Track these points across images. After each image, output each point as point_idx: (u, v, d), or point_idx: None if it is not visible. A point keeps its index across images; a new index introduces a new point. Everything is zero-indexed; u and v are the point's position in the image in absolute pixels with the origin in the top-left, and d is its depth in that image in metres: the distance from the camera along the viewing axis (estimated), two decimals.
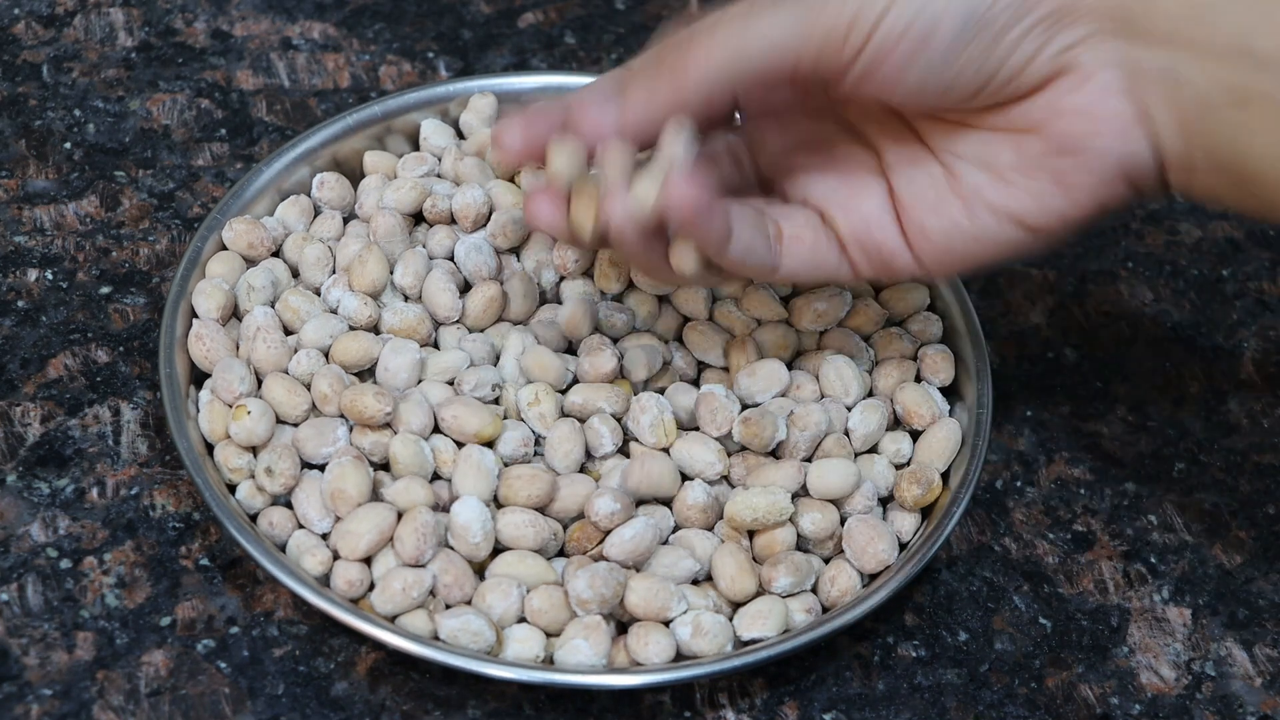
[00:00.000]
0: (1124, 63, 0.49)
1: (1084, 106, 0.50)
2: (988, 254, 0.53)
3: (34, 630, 0.55)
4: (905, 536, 0.57)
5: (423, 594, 0.54)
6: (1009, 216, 0.52)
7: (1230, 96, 0.48)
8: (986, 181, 0.52)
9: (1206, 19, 0.49)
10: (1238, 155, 0.49)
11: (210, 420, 0.57)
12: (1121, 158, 0.50)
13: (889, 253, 0.54)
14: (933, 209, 0.53)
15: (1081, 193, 0.51)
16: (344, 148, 0.65)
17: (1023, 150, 0.51)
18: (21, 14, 0.72)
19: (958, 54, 0.50)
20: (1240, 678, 0.57)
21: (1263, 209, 0.50)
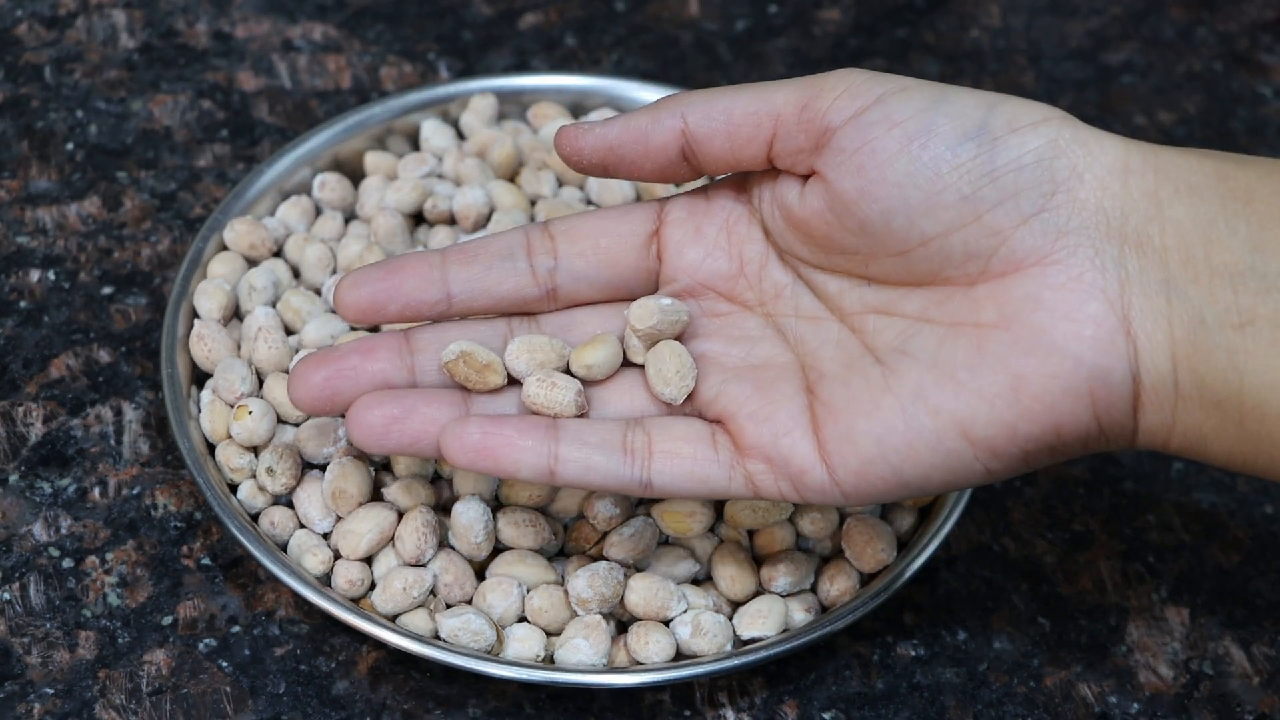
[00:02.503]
0: (1115, 269, 0.46)
1: (1065, 304, 0.46)
2: (917, 468, 0.47)
3: (36, 629, 0.55)
4: (904, 536, 0.57)
5: (423, 593, 0.54)
6: (952, 421, 0.47)
7: (1232, 318, 0.45)
8: (933, 381, 0.47)
9: (1214, 234, 0.45)
10: (1236, 383, 0.45)
11: (212, 420, 0.57)
12: (1093, 371, 0.46)
13: (799, 468, 0.49)
14: (864, 411, 0.48)
15: (1039, 404, 0.46)
16: (345, 148, 0.65)
17: (983, 347, 0.47)
18: (24, 15, 0.72)
19: (953, 166, 0.46)
20: (1238, 677, 0.57)
21: (1255, 452, 0.46)
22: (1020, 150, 0.47)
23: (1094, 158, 0.47)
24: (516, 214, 0.62)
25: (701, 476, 0.50)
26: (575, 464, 0.49)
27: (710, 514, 0.55)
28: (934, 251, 0.48)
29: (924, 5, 0.77)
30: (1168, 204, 0.46)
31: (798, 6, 0.76)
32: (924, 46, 0.75)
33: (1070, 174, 0.47)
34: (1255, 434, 0.46)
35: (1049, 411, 0.47)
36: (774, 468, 0.49)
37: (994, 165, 0.47)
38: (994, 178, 0.47)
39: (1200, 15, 0.77)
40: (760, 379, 0.51)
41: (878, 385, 0.48)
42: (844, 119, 0.48)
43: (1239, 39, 0.76)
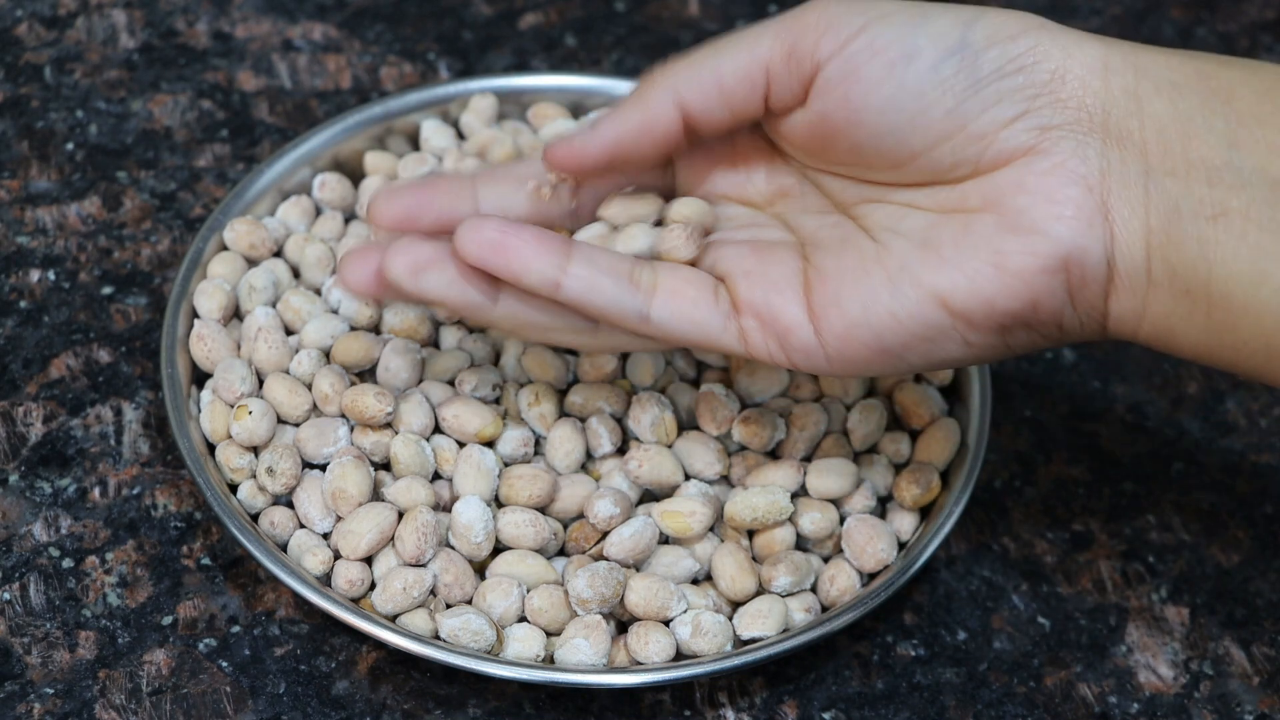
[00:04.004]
0: (1097, 159, 0.48)
1: (1047, 188, 0.48)
2: (898, 336, 0.49)
3: (36, 629, 0.55)
4: (904, 536, 0.57)
5: (423, 593, 0.54)
6: (934, 294, 0.49)
7: (1205, 209, 0.47)
8: (919, 256, 0.49)
9: (1192, 129, 0.47)
10: (1205, 272, 0.47)
11: (212, 420, 0.57)
12: (1071, 250, 0.48)
13: (786, 324, 0.50)
14: (853, 278, 0.50)
15: (1017, 279, 0.48)
16: (345, 148, 0.65)
17: (969, 227, 0.49)
18: (24, 15, 0.72)
19: (936, 83, 0.48)
20: (1238, 676, 0.57)
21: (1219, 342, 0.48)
22: (1001, 60, 0.48)
23: (1074, 59, 0.48)
24: None
25: (698, 319, 0.51)
26: (581, 281, 0.50)
27: (710, 514, 0.55)
28: (925, 162, 0.49)
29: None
30: (1148, 100, 0.48)
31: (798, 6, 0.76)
32: None
33: (1051, 76, 0.48)
34: (1221, 324, 0.47)
35: (1027, 287, 0.48)
36: (764, 325, 0.51)
37: (977, 77, 0.48)
38: (977, 89, 0.48)
39: (1200, 15, 0.77)
40: (759, 244, 0.52)
41: (869, 257, 0.50)
42: (830, 53, 0.49)
43: (1239, 39, 0.76)
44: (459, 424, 0.57)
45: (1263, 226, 0.46)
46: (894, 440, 0.59)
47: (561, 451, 0.57)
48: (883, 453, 0.59)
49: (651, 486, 0.56)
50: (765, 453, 0.58)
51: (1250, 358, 0.48)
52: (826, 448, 0.58)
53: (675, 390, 0.59)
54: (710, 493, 0.56)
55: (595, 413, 0.57)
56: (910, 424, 0.59)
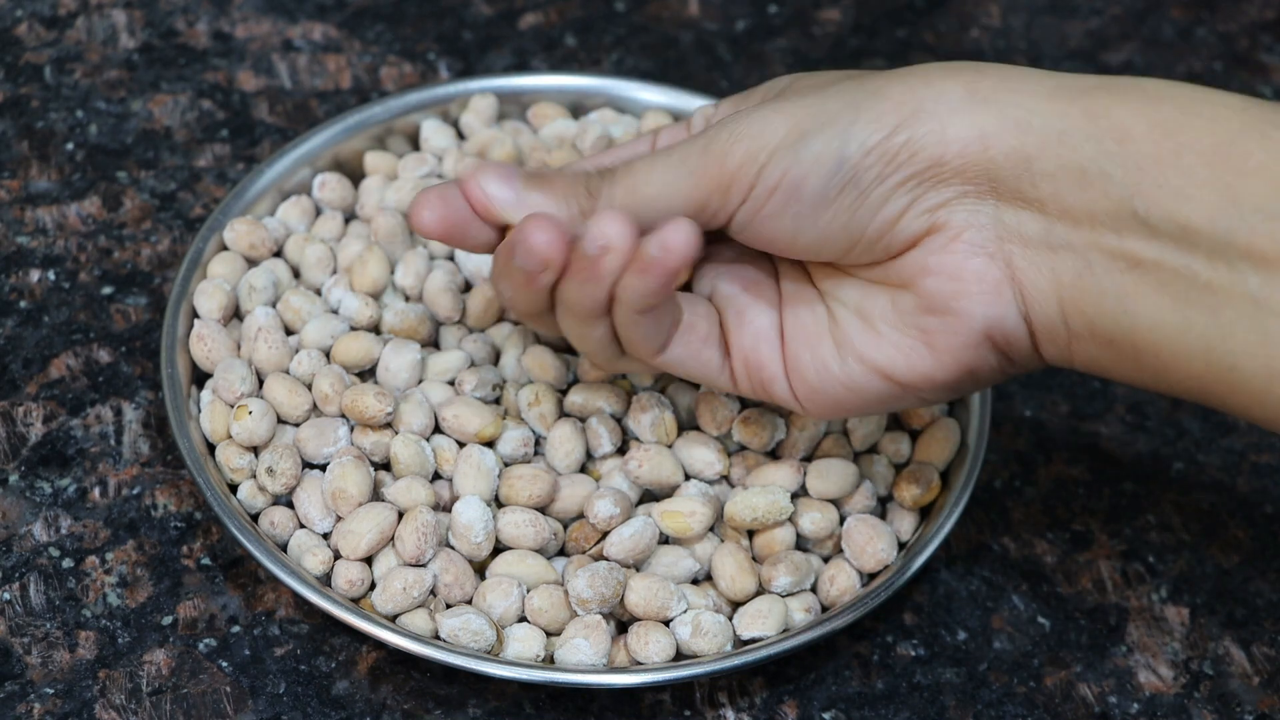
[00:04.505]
0: (993, 225, 0.48)
1: (949, 267, 0.48)
2: (856, 403, 0.52)
3: (36, 629, 0.55)
4: (904, 536, 0.57)
5: (423, 593, 0.54)
6: (875, 368, 0.51)
7: (1119, 262, 0.46)
8: (859, 329, 0.51)
9: (1089, 182, 0.46)
10: (1128, 325, 0.47)
11: (212, 420, 0.57)
12: (987, 322, 0.49)
13: (768, 377, 0.52)
14: (809, 346, 0.52)
15: (947, 355, 0.49)
16: (345, 148, 0.65)
17: (897, 305, 0.50)
18: (24, 15, 0.72)
19: (825, 206, 0.49)
20: (1238, 676, 0.57)
21: (1151, 380, 0.48)
22: (879, 165, 0.48)
23: (949, 139, 0.48)
24: None
25: (704, 360, 0.53)
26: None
27: (710, 514, 0.55)
28: (847, 261, 0.51)
29: (924, 5, 0.77)
30: (1035, 159, 0.47)
31: (798, 6, 0.76)
32: (924, 46, 0.75)
33: (930, 164, 0.48)
34: (1153, 368, 0.47)
35: (957, 360, 0.50)
36: (750, 373, 0.53)
37: (859, 189, 0.49)
38: (864, 198, 0.49)
39: (1200, 15, 0.77)
40: (745, 279, 0.53)
41: (822, 324, 0.52)
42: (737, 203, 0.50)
43: (1239, 39, 0.76)
44: (459, 424, 0.57)
45: (1179, 275, 0.45)
46: (894, 440, 0.59)
47: (561, 451, 0.57)
48: (883, 453, 0.59)
49: (651, 486, 0.56)
50: (765, 453, 0.58)
51: (1187, 394, 0.48)
52: (826, 448, 0.58)
53: (675, 390, 0.59)
54: (710, 493, 0.56)
55: (595, 413, 0.57)
56: (910, 424, 0.59)
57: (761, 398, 0.53)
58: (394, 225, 0.61)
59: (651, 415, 0.57)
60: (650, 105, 0.67)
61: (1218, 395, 0.47)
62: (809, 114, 0.49)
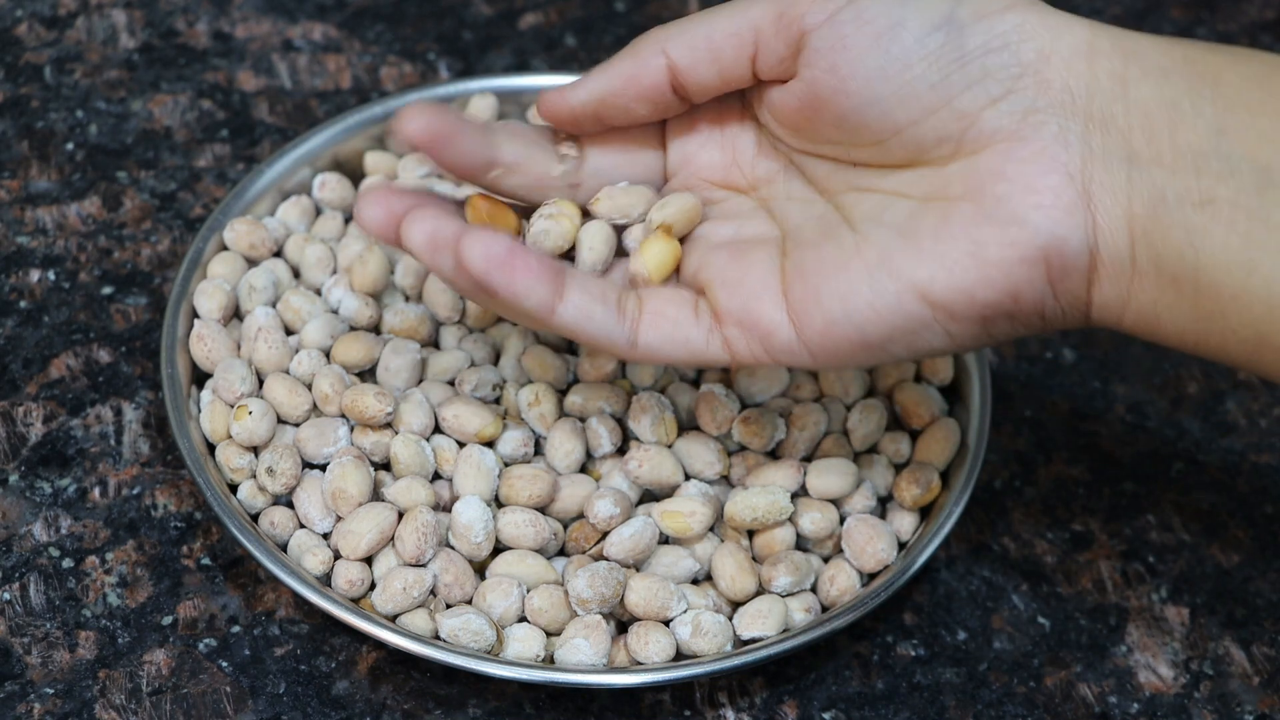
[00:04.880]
0: (1079, 145, 0.47)
1: (1026, 176, 0.47)
2: (879, 329, 0.49)
3: (36, 629, 0.55)
4: (904, 536, 0.57)
5: (423, 593, 0.54)
6: (912, 286, 0.48)
7: (1192, 196, 0.46)
8: (899, 247, 0.49)
9: (1179, 115, 0.47)
10: (1192, 260, 0.46)
11: (212, 420, 0.57)
12: (1050, 240, 0.47)
13: (767, 328, 0.50)
14: (832, 271, 0.49)
15: (996, 269, 0.48)
16: (345, 148, 0.65)
17: (949, 217, 0.48)
18: (24, 15, 0.72)
19: (922, 55, 0.48)
20: (1238, 676, 0.57)
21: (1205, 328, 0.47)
22: (987, 36, 0.48)
23: (1060, 40, 0.48)
24: None
25: (683, 339, 0.51)
26: (576, 310, 0.50)
27: (710, 514, 0.55)
28: (909, 138, 0.49)
29: None
30: (1134, 84, 0.47)
31: None
32: None
33: (1036, 56, 0.48)
34: (1209, 312, 0.47)
35: (1006, 278, 0.48)
36: (745, 331, 0.51)
37: (962, 52, 0.48)
38: (962, 64, 0.48)
39: (1200, 15, 0.77)
40: (736, 248, 0.52)
41: (849, 250, 0.50)
42: (818, 22, 0.49)
43: (1239, 39, 0.76)
44: (459, 424, 0.57)
45: (1252, 214, 0.46)
46: (894, 440, 0.59)
47: (561, 451, 0.57)
48: (883, 453, 0.59)
49: (651, 486, 0.56)
50: (765, 453, 0.58)
51: (1239, 346, 0.47)
52: (826, 448, 0.58)
53: (675, 390, 0.59)
54: (710, 493, 0.56)
55: (595, 413, 0.57)
56: (910, 424, 0.59)
57: (760, 359, 0.51)
58: None
59: (651, 415, 0.57)
60: None
61: (1272, 347, 0.46)
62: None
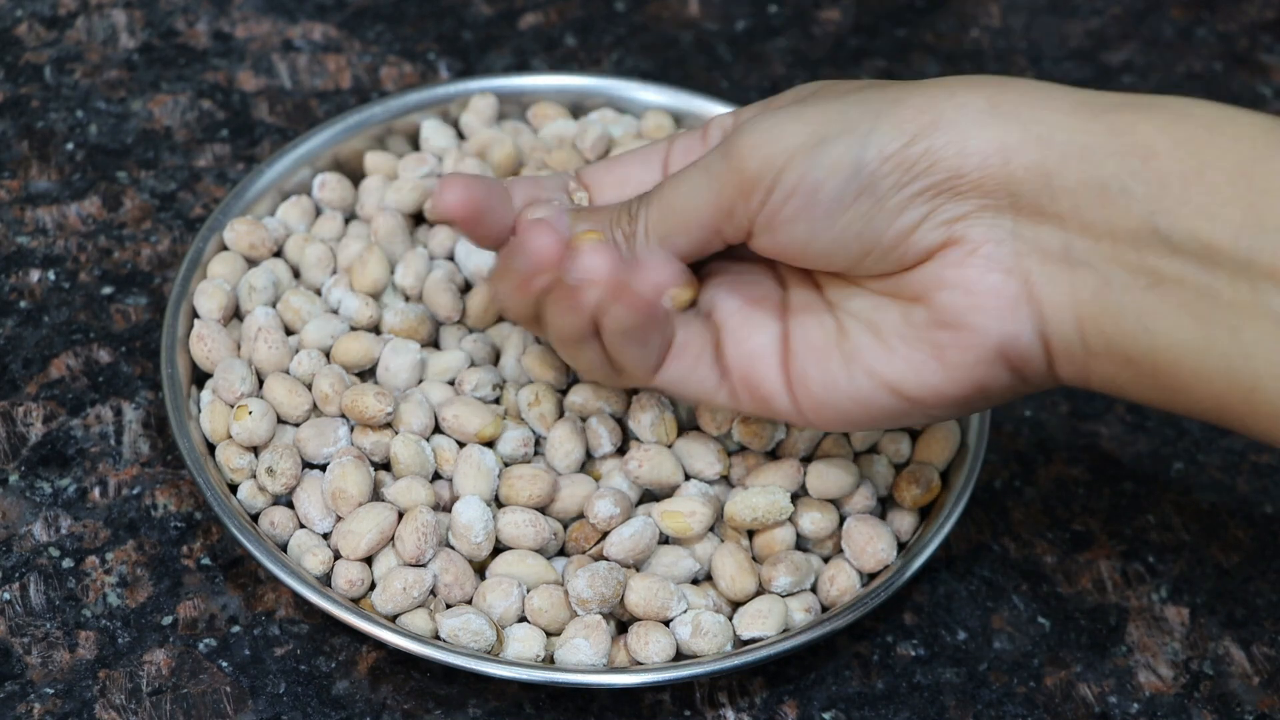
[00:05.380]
0: (1011, 240, 0.47)
1: (965, 281, 0.48)
2: (863, 416, 0.51)
3: (36, 629, 0.55)
4: (904, 536, 0.57)
5: (423, 593, 0.54)
6: (884, 383, 0.50)
7: (1141, 279, 0.46)
8: (869, 343, 0.50)
9: (1110, 198, 0.46)
10: (1147, 342, 0.46)
11: (212, 420, 0.57)
12: (1002, 338, 0.48)
13: (767, 393, 0.52)
14: (817, 360, 0.51)
15: (959, 370, 0.49)
16: (345, 148, 0.65)
17: (909, 318, 0.49)
18: (24, 15, 0.72)
19: (841, 213, 0.49)
20: (1238, 677, 0.57)
21: (1170, 400, 0.47)
22: (897, 173, 0.48)
23: (969, 152, 0.48)
24: None
25: (699, 379, 0.53)
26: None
27: (710, 514, 0.55)
28: (858, 270, 0.50)
29: (924, 5, 0.77)
30: (1056, 174, 0.47)
31: (798, 6, 0.76)
32: (924, 46, 0.75)
33: (948, 176, 0.48)
34: (1170, 387, 0.47)
35: (969, 376, 0.49)
36: (748, 391, 0.52)
37: (876, 196, 0.48)
38: (880, 206, 0.48)
39: (1200, 15, 0.77)
40: (748, 296, 0.53)
41: (830, 337, 0.51)
42: (757, 207, 0.50)
43: (1239, 39, 0.76)
44: (459, 424, 0.57)
45: (1201, 294, 0.45)
46: (894, 440, 0.59)
47: (561, 451, 0.57)
48: (883, 453, 0.59)
49: (651, 486, 0.56)
50: (765, 453, 0.58)
51: (1205, 414, 0.47)
52: (826, 448, 0.58)
53: None
54: (710, 493, 0.56)
55: (595, 412, 0.57)
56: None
57: (762, 414, 0.53)
58: (394, 225, 0.61)
59: (651, 415, 0.57)
60: (650, 105, 0.67)
61: (1238, 416, 0.46)
62: (828, 120, 0.49)
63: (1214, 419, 0.47)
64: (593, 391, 0.58)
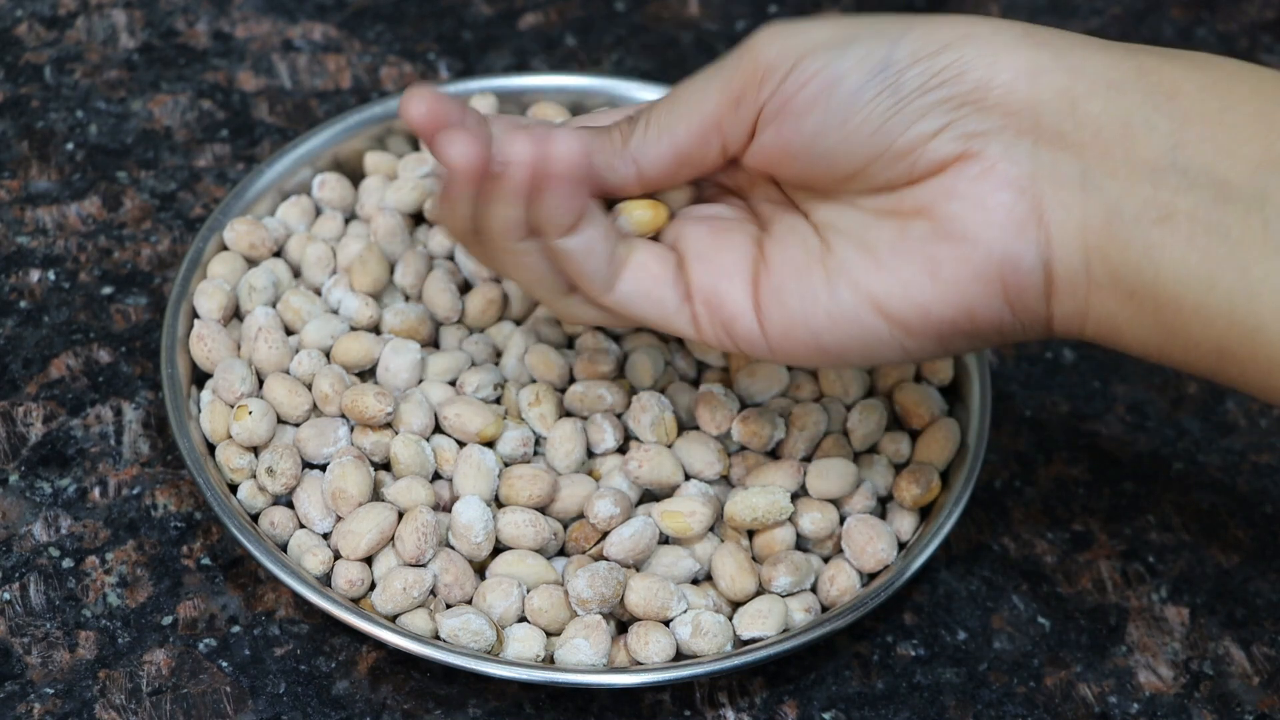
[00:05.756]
0: (1028, 161, 0.47)
1: (976, 193, 0.47)
2: (835, 337, 0.50)
3: (36, 629, 0.55)
4: (904, 536, 0.57)
5: (423, 593, 0.54)
6: (869, 298, 0.49)
7: (1150, 212, 0.46)
8: (858, 259, 0.49)
9: (1133, 130, 0.46)
10: (1151, 275, 0.46)
11: (212, 420, 0.57)
12: (1004, 257, 0.47)
13: (731, 312, 0.50)
14: (796, 274, 0.50)
15: (951, 287, 0.48)
16: (345, 148, 0.65)
17: (905, 233, 0.49)
18: (24, 15, 0.72)
19: (859, 109, 0.48)
20: (1238, 677, 0.57)
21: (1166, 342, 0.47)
22: (925, 75, 0.48)
23: (1000, 66, 0.48)
24: None
25: (658, 297, 0.51)
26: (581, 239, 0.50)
27: (710, 514, 0.55)
28: (860, 179, 0.49)
29: (924, 5, 0.77)
30: (1083, 101, 0.47)
31: (798, 6, 0.76)
32: None
33: (975, 86, 0.48)
34: (1170, 325, 0.47)
35: (961, 295, 0.48)
36: (711, 311, 0.51)
37: (899, 95, 0.48)
38: (900, 107, 0.48)
39: (1200, 15, 0.77)
40: (716, 225, 0.52)
41: (813, 254, 0.50)
42: (768, 95, 0.49)
43: (1239, 39, 0.76)
44: (460, 423, 0.57)
45: (1211, 229, 0.45)
46: (894, 440, 0.59)
47: (562, 451, 0.57)
48: (883, 453, 0.59)
49: (651, 486, 0.56)
50: (765, 453, 0.58)
51: (1201, 358, 0.47)
52: (826, 448, 0.58)
53: (675, 390, 0.59)
54: (710, 493, 0.56)
55: (596, 402, 0.57)
56: (910, 424, 0.59)
57: (723, 342, 0.51)
58: (394, 225, 0.61)
59: (651, 415, 0.57)
60: None
61: (1236, 361, 0.46)
62: (859, 25, 0.49)
63: (1210, 366, 0.47)
64: (594, 383, 0.58)
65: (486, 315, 0.60)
